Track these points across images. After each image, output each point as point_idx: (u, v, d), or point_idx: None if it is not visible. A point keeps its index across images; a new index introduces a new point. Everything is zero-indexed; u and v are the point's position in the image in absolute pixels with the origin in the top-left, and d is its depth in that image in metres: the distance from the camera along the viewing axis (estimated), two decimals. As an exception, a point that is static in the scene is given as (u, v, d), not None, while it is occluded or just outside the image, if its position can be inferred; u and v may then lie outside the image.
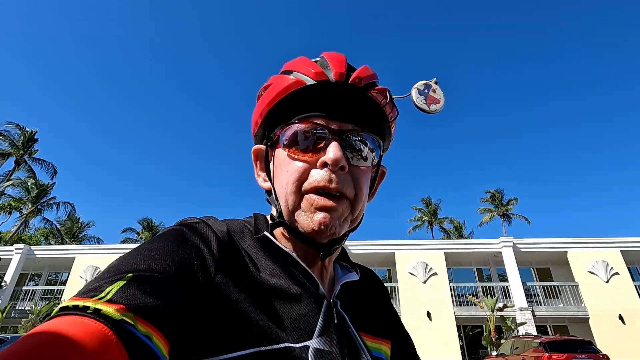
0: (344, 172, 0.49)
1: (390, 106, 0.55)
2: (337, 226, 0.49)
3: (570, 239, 17.25)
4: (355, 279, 0.59)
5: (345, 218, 0.50)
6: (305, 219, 0.49)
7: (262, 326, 0.42)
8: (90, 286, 0.35)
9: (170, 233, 0.45)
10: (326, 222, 0.48)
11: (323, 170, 0.48)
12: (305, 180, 0.49)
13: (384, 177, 0.64)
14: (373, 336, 0.56)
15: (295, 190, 0.49)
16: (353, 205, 0.51)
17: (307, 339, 0.45)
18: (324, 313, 0.49)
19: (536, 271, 18.83)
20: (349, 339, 0.50)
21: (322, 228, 0.48)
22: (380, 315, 0.62)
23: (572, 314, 15.55)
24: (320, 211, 0.48)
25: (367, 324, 0.56)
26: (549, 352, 9.12)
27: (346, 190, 0.49)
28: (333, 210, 0.48)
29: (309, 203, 0.49)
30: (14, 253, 18.08)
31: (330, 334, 0.47)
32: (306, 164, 0.50)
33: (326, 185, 0.48)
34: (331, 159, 0.48)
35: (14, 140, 25.07)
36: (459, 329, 16.24)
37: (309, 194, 0.49)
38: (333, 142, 0.49)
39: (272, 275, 0.48)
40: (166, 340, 0.35)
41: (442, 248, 17.81)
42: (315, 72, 0.51)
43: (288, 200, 0.50)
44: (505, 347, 11.86)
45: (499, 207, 31.60)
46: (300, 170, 0.49)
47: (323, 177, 0.48)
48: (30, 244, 25.03)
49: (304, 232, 0.49)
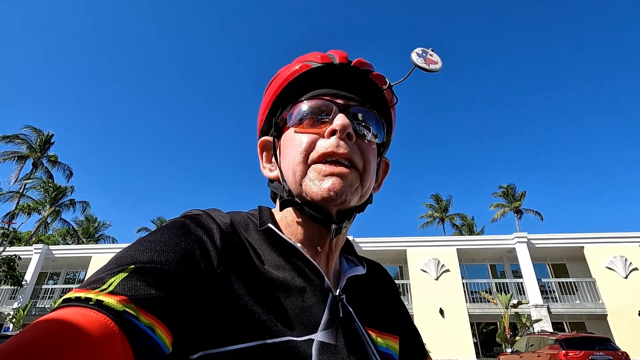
0: (351, 141, 0.50)
1: (390, 92, 0.57)
2: (349, 193, 0.48)
3: (587, 234, 16.86)
4: (362, 272, 0.59)
5: (356, 188, 0.50)
6: (314, 187, 0.48)
7: (265, 319, 0.42)
8: (93, 278, 0.35)
9: (173, 225, 0.44)
10: (336, 188, 0.47)
11: (331, 138, 0.49)
12: (312, 150, 0.50)
13: (388, 170, 0.64)
14: (380, 331, 0.55)
15: (302, 160, 0.50)
16: (362, 177, 0.51)
17: (312, 332, 0.44)
18: (329, 306, 0.48)
19: (551, 267, 18.47)
20: (355, 333, 0.49)
21: (331, 194, 0.47)
22: (388, 311, 0.61)
23: (589, 310, 15.22)
24: (329, 177, 0.48)
25: (374, 318, 0.55)
26: (566, 349, 8.92)
27: (355, 158, 0.49)
28: (343, 177, 0.48)
29: (316, 172, 0.48)
30: (34, 253, 18.63)
31: (335, 327, 0.46)
32: (313, 135, 0.50)
33: (334, 151, 0.48)
34: (339, 124, 0.48)
35: (31, 143, 25.78)
36: (472, 326, 16.07)
37: (316, 164, 0.49)
38: (340, 113, 0.51)
39: (276, 267, 0.48)
40: (169, 331, 0.35)
41: (455, 244, 17.61)
42: (321, 56, 0.54)
43: (296, 172, 0.50)
44: (520, 344, 11.67)
45: (511, 203, 31.09)
46: (308, 142, 0.50)
47: (331, 144, 0.49)
48: (48, 243, 25.71)
49: (313, 202, 0.49)
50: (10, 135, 25.27)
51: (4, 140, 25.00)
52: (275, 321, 0.43)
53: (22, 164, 25.70)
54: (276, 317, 0.43)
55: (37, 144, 25.98)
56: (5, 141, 25.09)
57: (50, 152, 26.70)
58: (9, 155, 25.24)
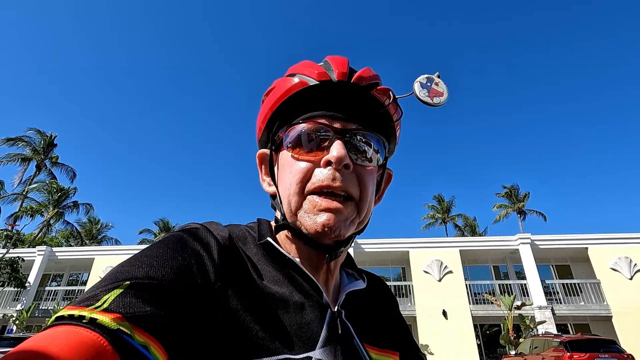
0: (348, 170, 0.48)
1: (394, 106, 0.54)
2: (343, 228, 0.47)
3: (591, 234, 16.75)
4: (362, 287, 0.58)
5: (351, 220, 0.49)
6: (308, 221, 0.47)
7: (262, 336, 0.41)
8: (87, 294, 0.34)
9: (170, 239, 0.43)
10: (330, 223, 0.46)
11: (327, 169, 0.48)
12: (308, 181, 0.48)
13: (390, 181, 0.62)
14: (378, 348, 0.54)
15: (298, 191, 0.48)
16: (359, 206, 0.50)
17: (310, 349, 0.43)
18: (327, 323, 0.47)
19: (555, 268, 18.37)
20: (353, 350, 0.49)
21: (326, 230, 0.46)
22: (388, 326, 0.61)
23: (594, 312, 15.11)
24: (324, 212, 0.47)
25: (373, 334, 0.54)
26: (570, 352, 8.84)
27: (351, 190, 0.48)
28: (338, 212, 0.47)
29: (311, 205, 0.47)
30: (37, 254, 18.71)
31: (334, 344, 0.46)
32: (310, 163, 0.49)
33: (330, 184, 0.47)
34: (335, 156, 0.47)
35: (34, 145, 25.96)
36: (475, 328, 15.98)
37: (312, 195, 0.48)
38: (337, 140, 0.48)
39: (274, 282, 0.47)
40: (164, 350, 0.34)
41: (457, 246, 17.55)
42: (318, 72, 0.51)
43: (291, 202, 0.49)
44: (524, 346, 11.60)
45: (515, 203, 30.97)
46: (303, 171, 0.49)
47: (327, 176, 0.47)
48: (51, 245, 25.84)
49: (308, 234, 0.48)
50: (14, 138, 25.47)
51: (8, 142, 25.19)
52: (273, 338, 0.42)
53: (26, 166, 25.87)
54: (274, 334, 0.42)
55: (41, 146, 26.15)
56: (10, 143, 25.28)
57: (53, 154, 26.88)
58: (13, 157, 25.41)
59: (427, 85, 0.53)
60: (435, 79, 0.54)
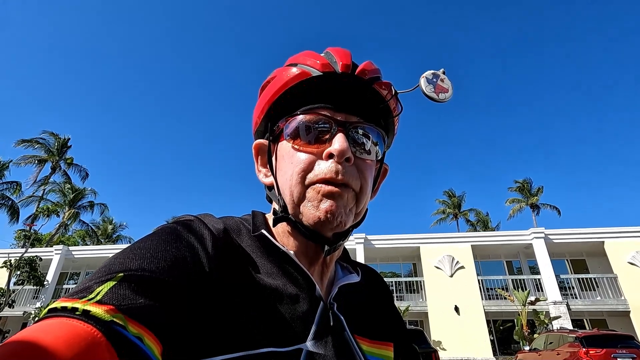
0: (349, 163, 0.48)
1: (395, 101, 0.54)
2: (344, 215, 0.47)
3: (607, 228, 16.35)
4: (355, 280, 0.58)
5: (350, 209, 0.49)
6: (311, 209, 0.47)
7: (254, 328, 0.41)
8: (81, 287, 0.34)
9: (164, 231, 0.43)
10: (333, 210, 0.46)
11: (329, 161, 0.48)
12: (310, 172, 0.48)
13: (386, 175, 0.62)
14: (371, 340, 0.54)
15: (300, 181, 0.48)
16: (358, 197, 0.50)
17: (301, 341, 0.44)
18: (319, 315, 0.48)
19: (570, 263, 18.05)
20: (345, 342, 0.49)
21: (328, 217, 0.46)
22: (382, 318, 0.61)
23: (611, 307, 14.79)
24: (327, 198, 0.47)
25: (365, 327, 0.55)
26: (586, 347, 8.65)
27: (352, 182, 0.48)
28: (339, 198, 0.47)
29: (315, 191, 0.47)
30: (54, 254, 19.22)
31: (325, 337, 0.46)
32: (311, 155, 0.49)
33: (332, 177, 0.47)
34: (337, 149, 0.47)
35: (49, 147, 26.59)
36: (488, 324, 15.83)
37: (314, 184, 0.48)
38: (339, 133, 0.48)
39: (268, 275, 0.47)
40: (158, 341, 0.34)
41: (469, 241, 17.35)
42: (322, 63, 0.50)
43: (293, 192, 0.49)
44: (538, 341, 11.42)
45: (528, 198, 30.45)
46: (305, 162, 0.48)
47: (329, 169, 0.47)
48: (68, 244, 26.47)
49: (308, 225, 0.48)
50: (30, 140, 26.13)
51: (24, 144, 25.85)
52: (265, 330, 0.42)
53: (41, 167, 26.53)
54: (266, 326, 0.42)
55: (55, 147, 26.78)
56: (25, 145, 25.94)
57: (68, 156, 27.47)
58: (29, 159, 26.08)
59: (433, 81, 0.53)
60: (440, 75, 0.54)
